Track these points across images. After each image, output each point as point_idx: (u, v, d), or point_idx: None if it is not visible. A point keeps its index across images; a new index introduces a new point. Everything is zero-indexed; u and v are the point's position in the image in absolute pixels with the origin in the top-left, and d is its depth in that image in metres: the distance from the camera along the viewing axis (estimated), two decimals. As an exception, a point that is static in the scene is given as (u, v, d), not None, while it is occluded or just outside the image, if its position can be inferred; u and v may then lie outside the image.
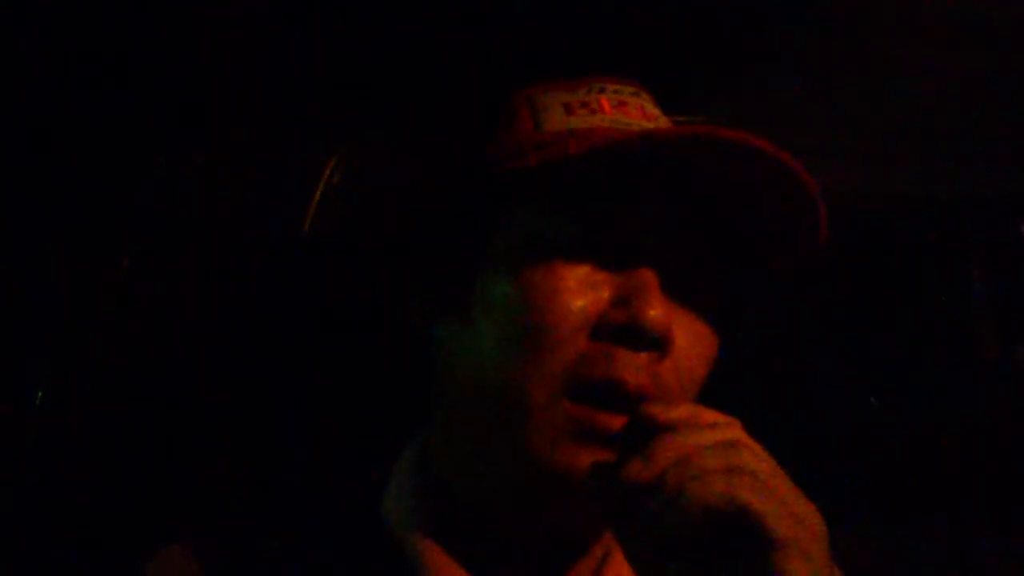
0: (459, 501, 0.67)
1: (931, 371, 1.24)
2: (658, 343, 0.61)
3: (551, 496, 0.62)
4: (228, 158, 1.06)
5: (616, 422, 0.59)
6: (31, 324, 0.99)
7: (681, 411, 0.55)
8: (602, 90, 0.69)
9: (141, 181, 1.03)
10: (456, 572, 0.65)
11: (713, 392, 0.68)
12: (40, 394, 0.96)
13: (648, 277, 0.62)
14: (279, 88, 1.07)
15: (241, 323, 1.02)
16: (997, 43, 1.11)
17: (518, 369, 0.61)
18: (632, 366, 0.60)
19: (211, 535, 0.71)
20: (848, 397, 1.23)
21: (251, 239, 1.05)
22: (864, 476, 1.17)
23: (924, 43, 1.11)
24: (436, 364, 0.70)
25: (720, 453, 0.52)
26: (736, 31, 1.09)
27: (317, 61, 1.06)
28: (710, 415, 0.55)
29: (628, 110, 0.68)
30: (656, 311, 0.60)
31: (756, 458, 0.53)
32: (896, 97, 1.16)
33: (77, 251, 1.00)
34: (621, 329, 0.61)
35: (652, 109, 0.71)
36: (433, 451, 0.70)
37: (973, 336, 1.24)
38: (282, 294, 1.03)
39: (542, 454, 0.60)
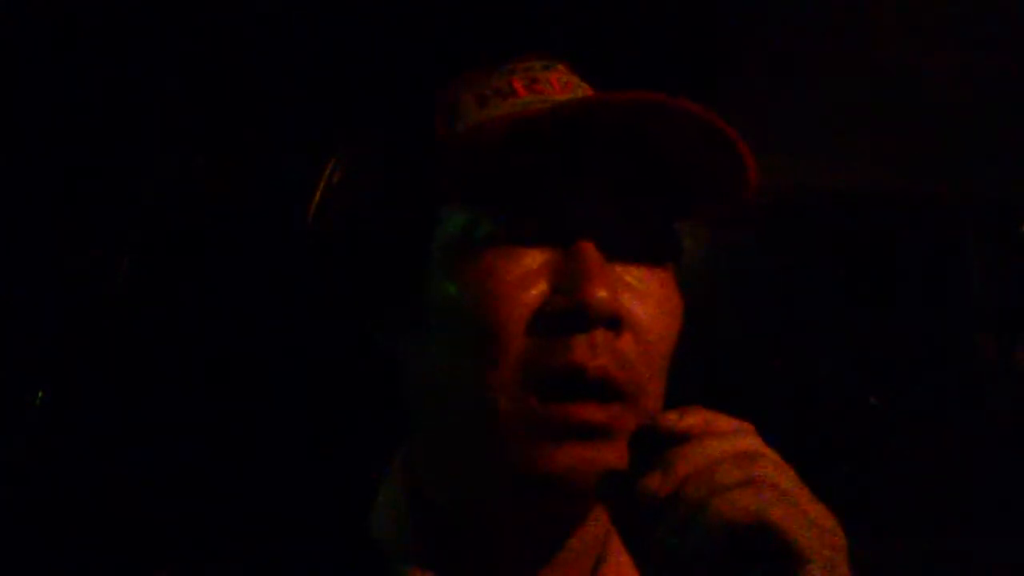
0: (445, 512, 0.65)
1: (931, 371, 1.24)
2: (608, 323, 0.59)
3: (541, 499, 0.61)
4: (229, 158, 1.06)
5: (587, 412, 0.58)
6: (31, 324, 0.99)
7: (695, 418, 0.53)
8: (512, 71, 0.67)
9: (141, 181, 1.03)
10: None
11: (713, 393, 0.68)
12: (40, 394, 0.96)
13: (587, 254, 0.59)
14: (279, 88, 1.07)
15: (242, 322, 1.02)
16: (997, 44, 1.11)
17: (475, 377, 0.59)
18: (588, 348, 0.58)
19: (197, 559, 0.70)
20: (848, 397, 1.23)
21: (251, 239, 1.05)
22: (864, 476, 1.17)
23: (924, 44, 1.11)
24: (405, 378, 0.68)
25: (740, 464, 0.50)
26: (737, 31, 1.09)
27: (317, 61, 1.06)
28: (725, 422, 0.53)
29: (541, 86, 0.66)
30: (599, 290, 0.58)
31: (776, 469, 0.51)
32: (896, 98, 1.16)
33: (77, 251, 1.00)
34: (568, 316, 0.58)
35: (568, 77, 0.68)
36: (416, 464, 0.68)
37: (973, 336, 1.24)
38: (282, 295, 1.03)
39: (522, 459, 0.58)
